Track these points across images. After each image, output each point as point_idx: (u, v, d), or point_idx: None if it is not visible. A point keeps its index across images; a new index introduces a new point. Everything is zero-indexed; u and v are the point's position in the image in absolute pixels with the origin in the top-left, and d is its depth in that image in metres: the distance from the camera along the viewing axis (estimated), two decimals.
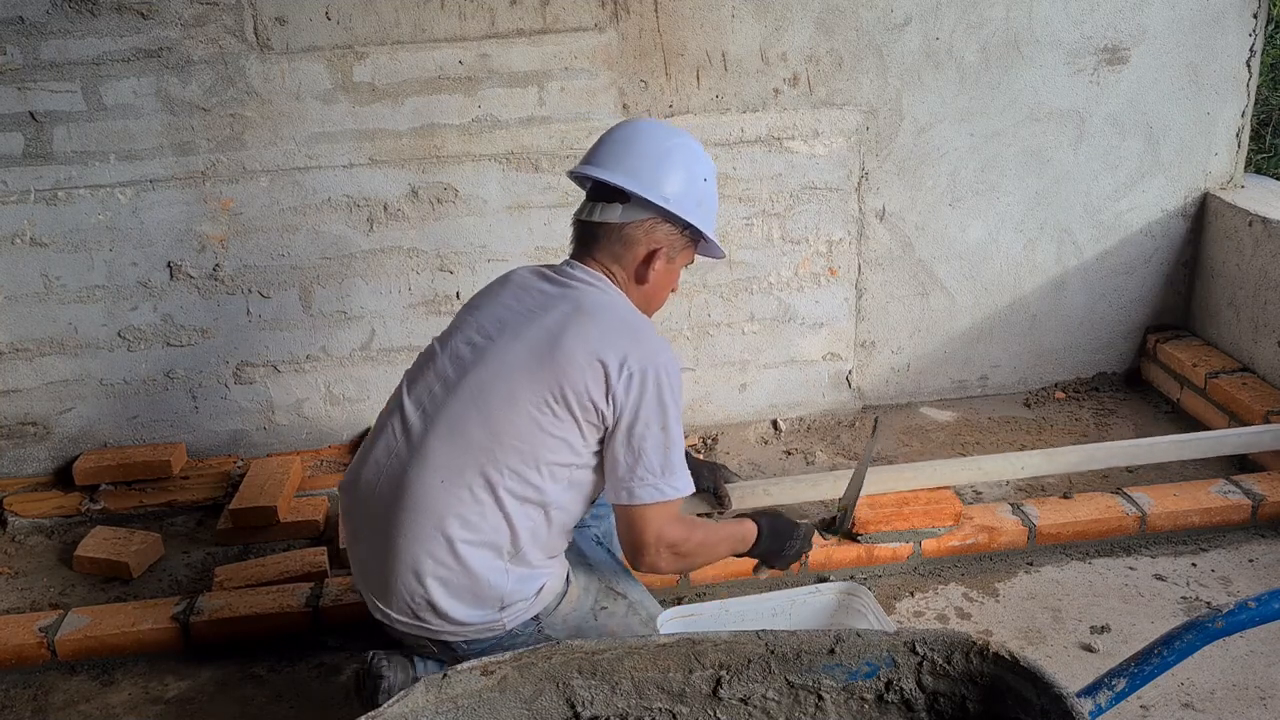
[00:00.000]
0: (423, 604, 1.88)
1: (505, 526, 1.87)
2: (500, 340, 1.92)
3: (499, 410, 1.86)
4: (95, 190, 2.84)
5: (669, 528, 1.91)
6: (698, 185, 2.02)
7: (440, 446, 1.87)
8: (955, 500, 2.61)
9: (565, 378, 1.84)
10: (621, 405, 1.86)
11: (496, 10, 2.83)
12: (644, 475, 1.87)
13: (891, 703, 1.52)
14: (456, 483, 1.85)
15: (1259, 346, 3.11)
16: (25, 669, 2.36)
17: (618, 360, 1.85)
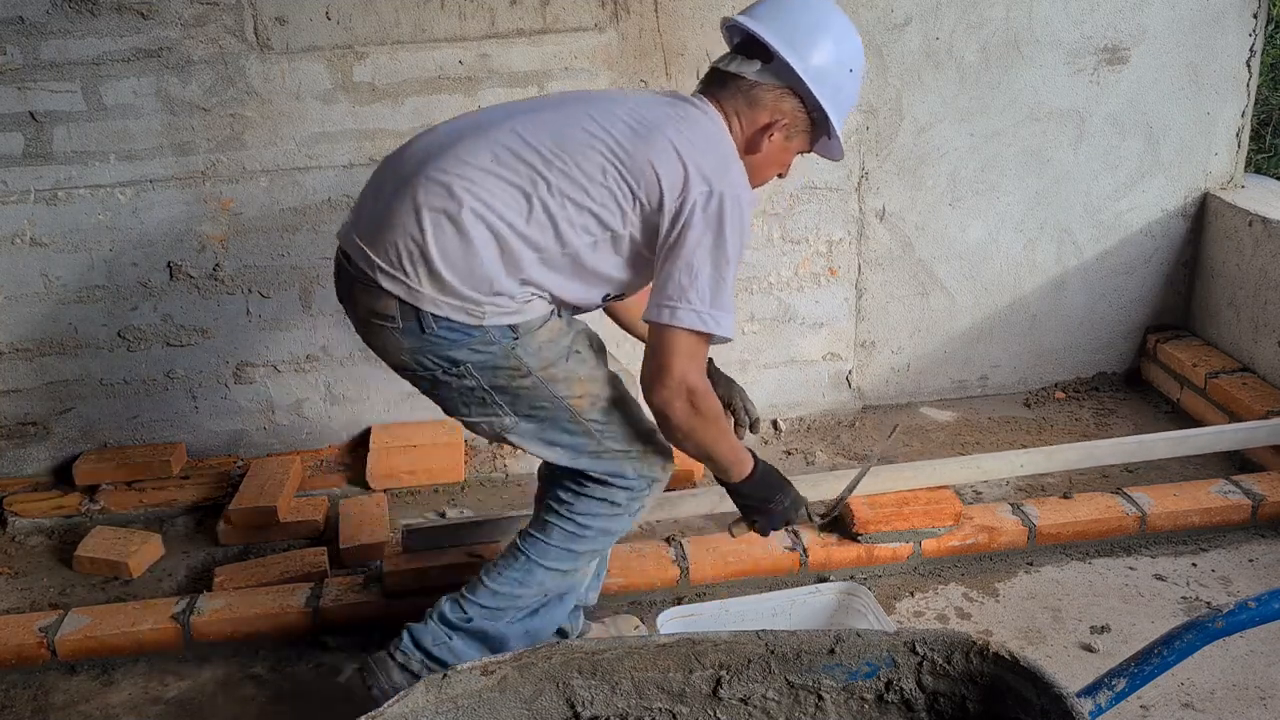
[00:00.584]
0: (415, 252, 1.79)
1: (521, 233, 1.80)
2: (604, 101, 1.92)
3: (578, 136, 1.82)
4: (95, 190, 2.84)
5: (697, 370, 1.84)
6: (842, 72, 1.94)
7: (508, 136, 1.84)
8: (955, 500, 2.61)
9: (647, 155, 1.80)
10: (689, 220, 1.79)
11: (496, 10, 2.83)
12: (693, 299, 1.79)
13: (891, 703, 1.52)
14: (504, 169, 1.80)
15: (1259, 346, 3.11)
16: (25, 669, 2.36)
17: (702, 176, 1.81)
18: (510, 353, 1.86)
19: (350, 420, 3.15)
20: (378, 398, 3.13)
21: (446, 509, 2.92)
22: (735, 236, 1.82)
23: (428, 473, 2.97)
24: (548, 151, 1.82)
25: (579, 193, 1.81)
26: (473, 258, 1.79)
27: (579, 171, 1.81)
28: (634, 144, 1.83)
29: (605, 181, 1.82)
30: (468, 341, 1.84)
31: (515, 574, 2.06)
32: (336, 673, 2.35)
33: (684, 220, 1.80)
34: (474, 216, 1.79)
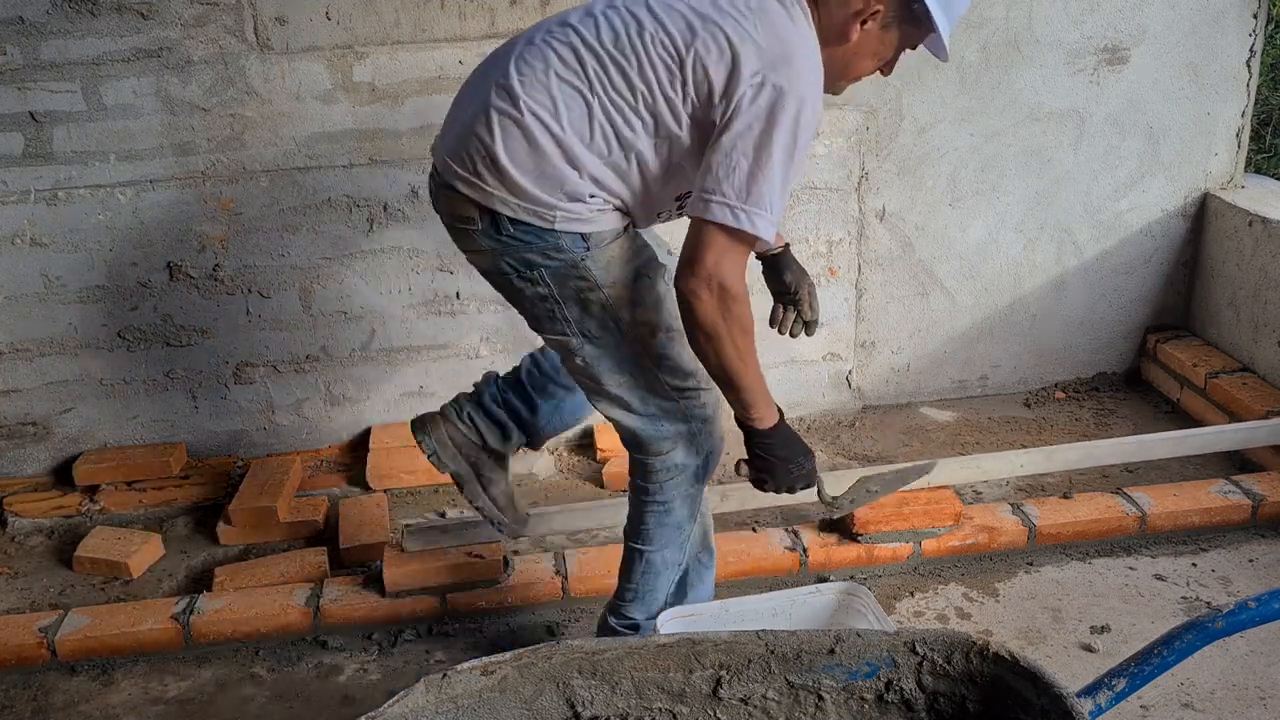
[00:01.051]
0: (485, 155, 1.82)
1: (582, 135, 1.79)
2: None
3: (635, 35, 1.78)
4: (95, 190, 2.84)
5: (731, 267, 1.76)
6: None
7: (570, 36, 1.81)
8: (955, 500, 2.61)
9: (699, 52, 1.74)
10: (736, 110, 1.73)
11: (496, 10, 2.83)
12: (727, 192, 1.72)
13: (891, 703, 1.52)
14: (565, 71, 1.80)
15: (1259, 346, 3.11)
16: (25, 669, 2.37)
17: (756, 67, 1.72)
18: (580, 263, 1.86)
19: (350, 420, 3.15)
20: (378, 398, 3.13)
21: (446, 509, 2.92)
22: (786, 134, 1.73)
23: (428, 473, 2.97)
24: (605, 53, 1.79)
25: (635, 95, 1.79)
26: (539, 159, 1.80)
27: (635, 73, 1.78)
28: (688, 39, 1.76)
29: (660, 82, 1.78)
30: (540, 246, 1.85)
31: (640, 568, 2.13)
32: (337, 672, 2.35)
33: (731, 111, 1.74)
34: (535, 119, 1.79)
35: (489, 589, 2.46)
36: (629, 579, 2.16)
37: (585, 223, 1.85)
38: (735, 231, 1.75)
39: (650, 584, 2.15)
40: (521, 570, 2.51)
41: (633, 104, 1.79)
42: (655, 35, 1.78)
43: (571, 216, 1.83)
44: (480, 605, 2.47)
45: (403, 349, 3.09)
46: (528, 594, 2.47)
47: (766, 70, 1.73)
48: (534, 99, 1.80)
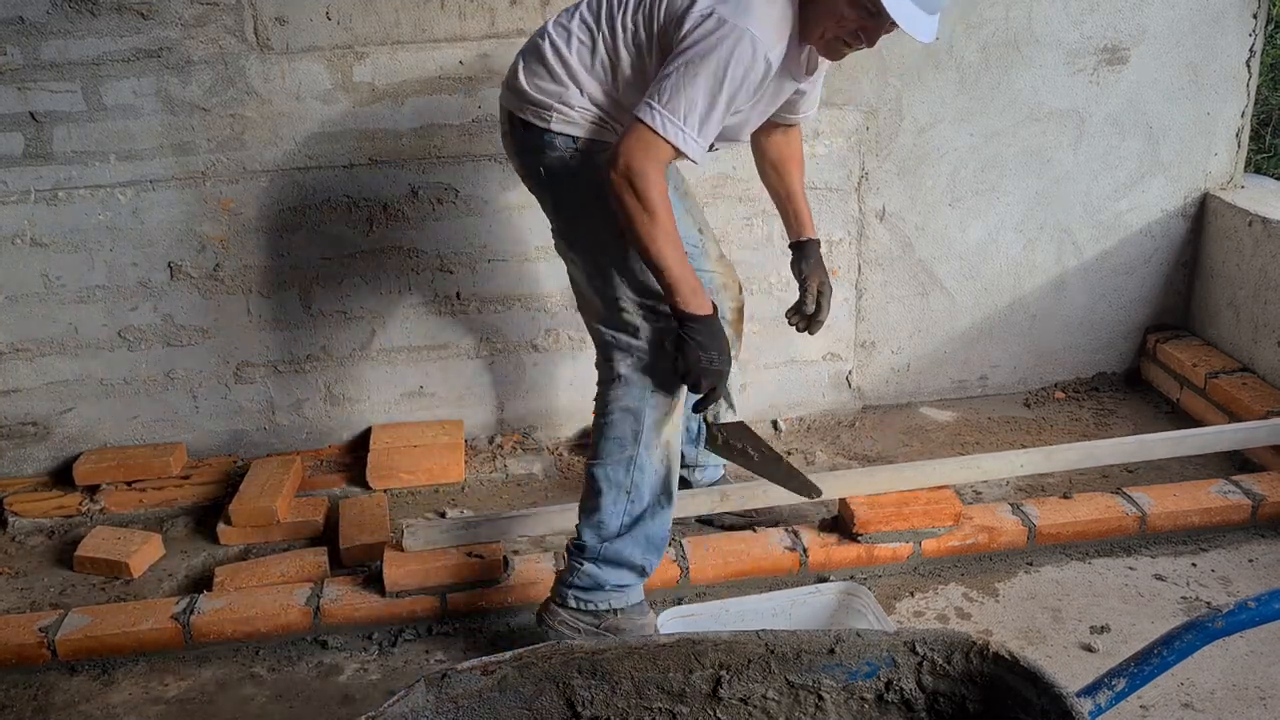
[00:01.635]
0: (516, 71, 2.17)
1: (583, 57, 2.08)
2: None
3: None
4: (95, 190, 2.84)
5: (641, 158, 1.93)
6: None
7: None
8: (955, 500, 2.61)
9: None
10: (684, 36, 1.93)
11: (497, 10, 2.83)
12: (653, 94, 1.92)
13: (891, 703, 1.52)
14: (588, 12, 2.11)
15: (1259, 346, 3.11)
16: (26, 669, 2.37)
17: (707, 2, 1.92)
18: (567, 163, 2.12)
19: (350, 420, 3.15)
20: (378, 398, 3.13)
21: (446, 509, 2.92)
22: (718, 61, 1.89)
23: (428, 473, 2.98)
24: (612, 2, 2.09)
25: (625, 32, 2.06)
26: (546, 73, 2.11)
27: (627, 15, 2.06)
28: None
29: (641, 21, 2.04)
30: (540, 143, 2.13)
31: (586, 483, 2.25)
32: (336, 673, 2.36)
33: (680, 36, 1.95)
34: (551, 47, 2.11)
35: (489, 589, 2.46)
36: (581, 496, 2.28)
37: (576, 126, 2.11)
38: (649, 131, 1.93)
39: (595, 502, 2.23)
40: (521, 570, 2.51)
41: (624, 39, 2.07)
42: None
43: (564, 119, 2.11)
44: (480, 605, 2.47)
45: (403, 349, 3.09)
46: (528, 594, 2.47)
47: (718, 4, 1.93)
48: (556, 34, 2.13)
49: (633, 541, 2.24)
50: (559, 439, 3.20)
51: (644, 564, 2.26)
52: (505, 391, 3.18)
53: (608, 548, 2.23)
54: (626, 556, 2.24)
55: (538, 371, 3.16)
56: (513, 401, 3.19)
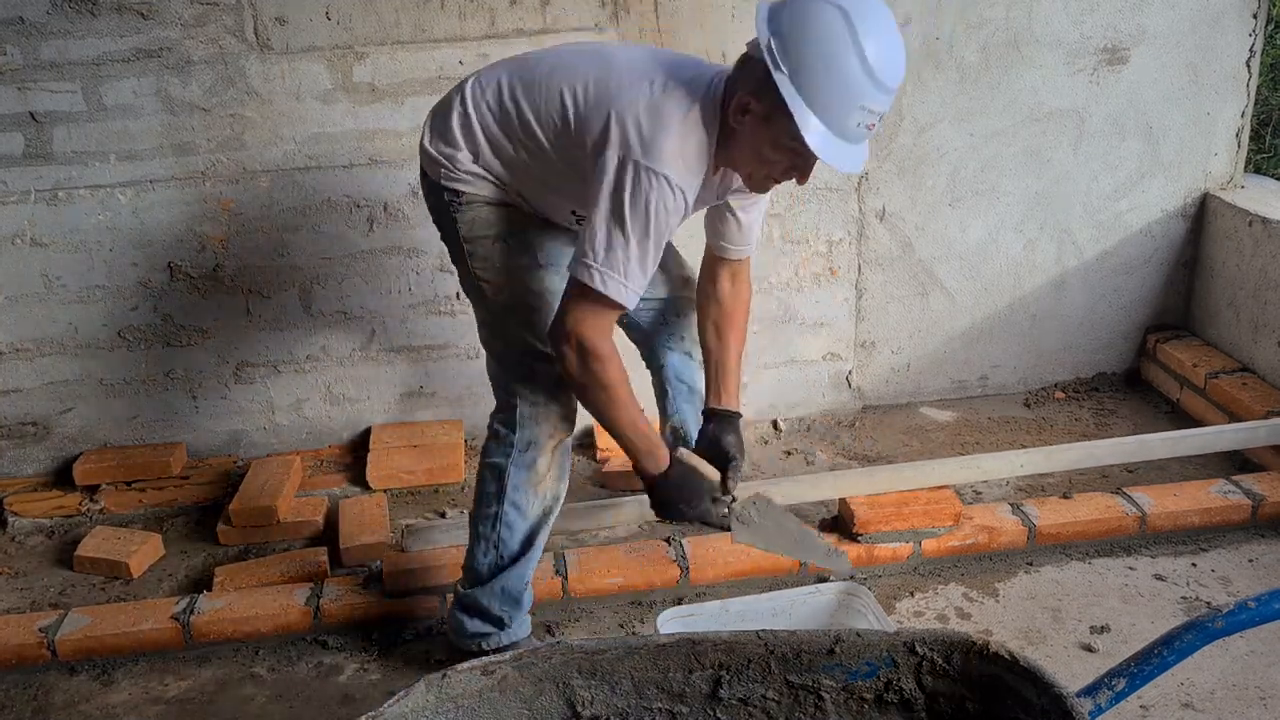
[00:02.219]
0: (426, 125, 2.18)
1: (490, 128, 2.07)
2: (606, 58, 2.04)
3: (564, 78, 2.01)
4: (95, 190, 2.84)
5: (591, 328, 1.93)
6: (817, 26, 1.77)
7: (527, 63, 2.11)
8: (955, 500, 2.61)
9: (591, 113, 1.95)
10: (600, 178, 1.89)
11: (496, 10, 2.83)
12: (588, 252, 1.90)
13: (891, 703, 1.52)
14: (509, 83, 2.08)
15: (1259, 346, 3.11)
16: (25, 669, 2.37)
17: (622, 141, 1.89)
18: (449, 214, 2.13)
19: (350, 420, 3.15)
20: (378, 398, 3.13)
21: (446, 509, 2.92)
22: (645, 213, 1.88)
23: (428, 473, 2.98)
24: (538, 83, 2.04)
25: (537, 128, 2.02)
26: (446, 127, 2.10)
27: (544, 105, 2.02)
28: (579, 108, 1.97)
29: (552, 128, 2.01)
30: (433, 191, 2.16)
31: (469, 534, 2.28)
32: (336, 673, 2.35)
33: (595, 171, 1.92)
34: (458, 107, 2.10)
35: None
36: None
37: (461, 183, 2.11)
38: (592, 292, 1.90)
39: (468, 546, 2.27)
40: None
41: (533, 133, 2.04)
42: (573, 87, 1.99)
43: (450, 177, 2.11)
44: None
45: (403, 349, 3.09)
46: None
47: (633, 150, 1.88)
48: (468, 96, 2.11)
49: (489, 593, 2.24)
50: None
51: (501, 615, 2.25)
52: None
53: (469, 595, 2.25)
54: (484, 606, 2.24)
55: None
56: None
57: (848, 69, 1.78)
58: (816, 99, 1.80)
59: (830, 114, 1.81)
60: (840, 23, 1.77)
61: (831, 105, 1.80)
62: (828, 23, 1.77)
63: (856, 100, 1.80)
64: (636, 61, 2.00)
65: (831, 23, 1.77)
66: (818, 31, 1.78)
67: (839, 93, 1.79)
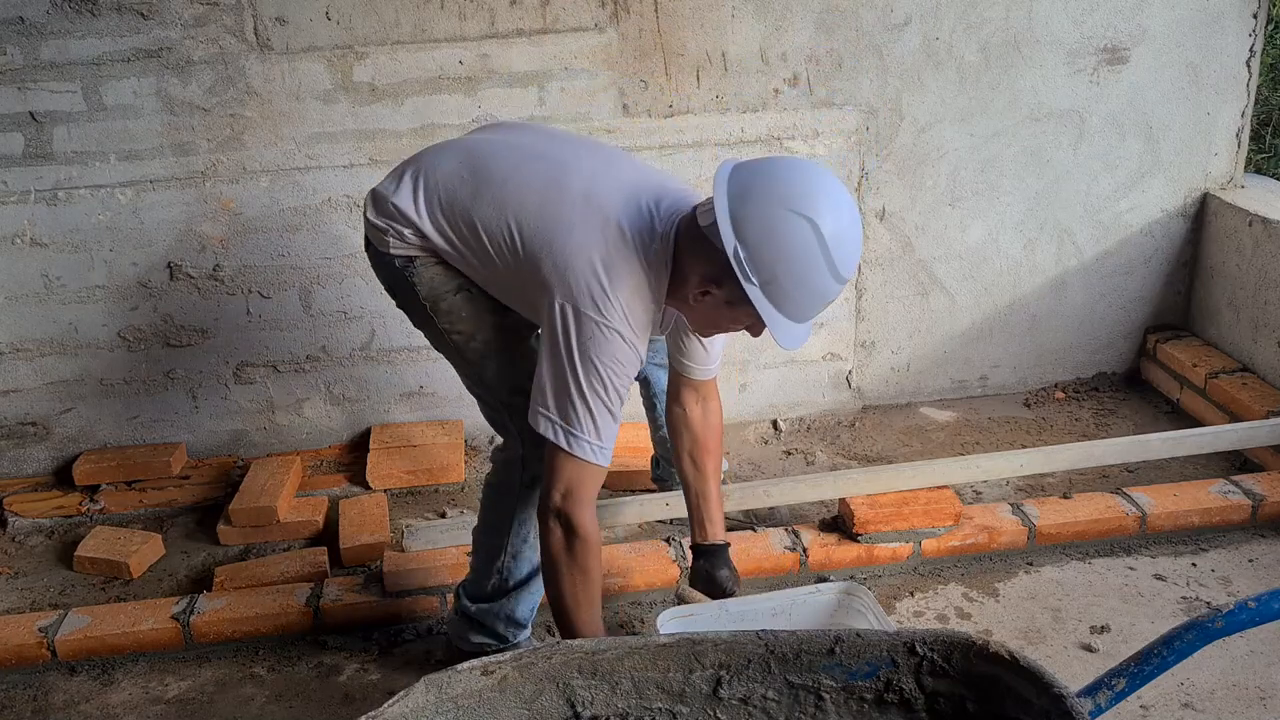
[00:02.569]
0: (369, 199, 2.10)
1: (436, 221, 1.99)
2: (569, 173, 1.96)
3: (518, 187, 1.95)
4: (95, 190, 2.84)
5: (578, 503, 1.87)
6: (787, 241, 1.74)
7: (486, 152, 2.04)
8: (955, 500, 2.61)
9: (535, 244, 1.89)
10: (545, 321, 1.86)
11: (496, 10, 2.83)
12: (549, 407, 1.86)
13: (891, 703, 1.52)
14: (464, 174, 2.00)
15: (1259, 346, 3.11)
16: (25, 669, 2.37)
17: (563, 288, 1.84)
18: (405, 278, 2.05)
19: (350, 420, 3.15)
20: (378, 398, 3.13)
21: (446, 509, 2.92)
22: (586, 360, 1.83)
23: (428, 473, 2.98)
24: (492, 189, 1.96)
25: (485, 233, 1.95)
26: (394, 207, 2.02)
27: (493, 220, 1.94)
28: (534, 236, 1.90)
29: (502, 244, 1.93)
30: (382, 263, 2.09)
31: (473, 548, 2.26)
32: (336, 673, 2.35)
33: (545, 320, 1.87)
34: (412, 189, 2.02)
35: None
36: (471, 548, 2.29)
37: (412, 249, 2.04)
38: (578, 461, 1.85)
39: (474, 560, 2.25)
40: None
41: (482, 245, 1.96)
42: (512, 221, 1.93)
43: (400, 246, 2.04)
44: None
45: (403, 349, 3.09)
46: None
47: (574, 294, 1.83)
48: (424, 187, 2.02)
49: (493, 614, 2.21)
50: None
51: (505, 635, 2.23)
52: None
53: (474, 610, 2.22)
54: (490, 624, 2.22)
55: None
56: None
57: (820, 282, 1.78)
58: (787, 305, 1.80)
59: (798, 314, 1.82)
60: (812, 239, 1.74)
61: (800, 309, 1.81)
62: (800, 240, 1.74)
63: (823, 301, 1.82)
64: (593, 187, 1.93)
65: (803, 239, 1.74)
66: (790, 250, 1.75)
67: (810, 298, 1.81)
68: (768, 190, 1.77)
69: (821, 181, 1.79)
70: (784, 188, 1.77)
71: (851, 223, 1.79)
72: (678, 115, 2.98)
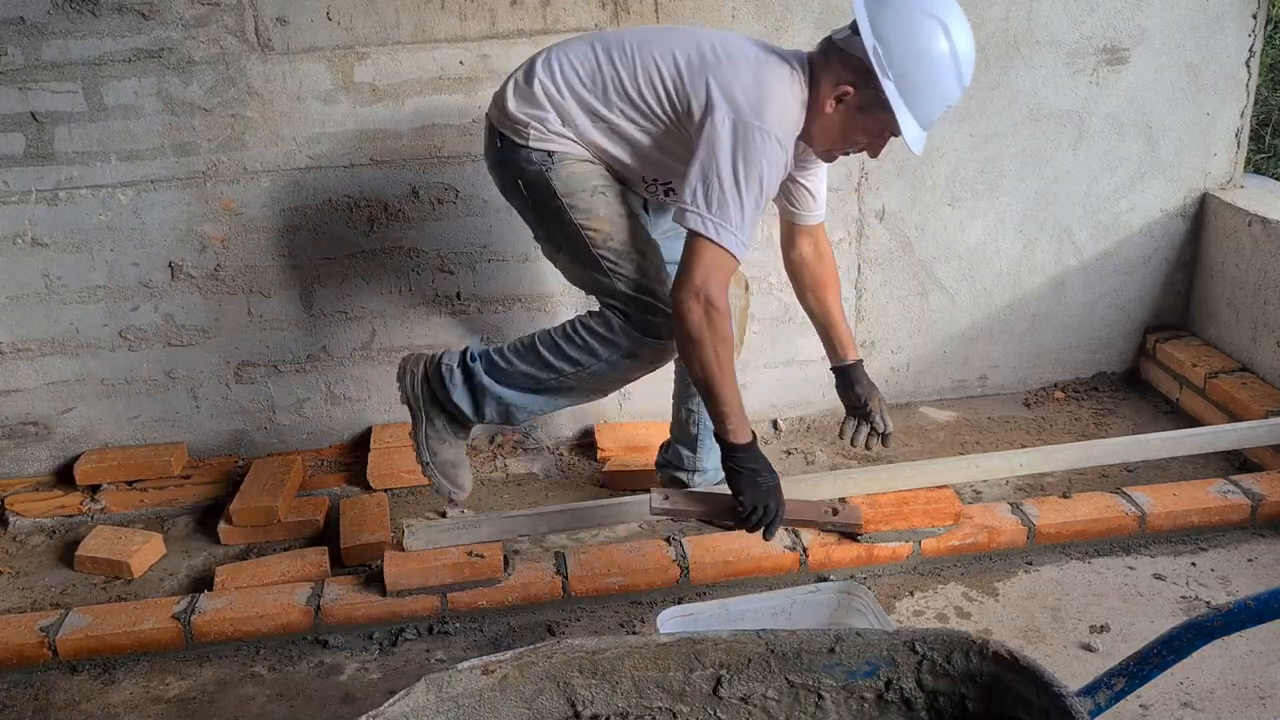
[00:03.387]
0: (502, 93, 2.29)
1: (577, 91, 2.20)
2: (698, 37, 2.20)
3: (656, 52, 2.17)
4: (96, 190, 2.85)
5: (716, 283, 2.05)
6: (922, 38, 2.00)
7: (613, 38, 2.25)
8: (955, 500, 2.62)
9: (691, 79, 2.12)
10: (708, 133, 2.05)
11: (497, 10, 2.83)
12: (700, 204, 2.04)
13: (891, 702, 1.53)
14: (594, 54, 2.22)
15: (1258, 346, 3.12)
16: (26, 669, 2.37)
17: (729, 104, 2.05)
18: (543, 174, 2.23)
19: (351, 420, 3.15)
20: (378, 398, 3.14)
21: (447, 509, 2.92)
22: (745, 160, 2.03)
23: None
24: (628, 52, 2.19)
25: (632, 97, 2.18)
26: (531, 91, 2.22)
27: (640, 71, 2.17)
28: (687, 70, 2.13)
29: (654, 83, 2.16)
30: (517, 158, 2.25)
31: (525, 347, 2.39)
32: (337, 672, 2.36)
33: (704, 132, 2.06)
34: (544, 70, 2.23)
35: (489, 588, 2.47)
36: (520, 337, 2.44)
37: (551, 143, 2.22)
38: (712, 245, 2.05)
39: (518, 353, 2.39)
40: (521, 570, 2.51)
41: (628, 104, 2.19)
42: (667, 59, 2.16)
43: (540, 137, 2.22)
44: (480, 605, 2.47)
45: (403, 349, 3.09)
46: (528, 593, 2.47)
47: (739, 108, 2.06)
48: (553, 62, 2.24)
49: (494, 394, 2.39)
50: (559, 439, 3.21)
51: (480, 413, 2.43)
52: None
53: (487, 379, 2.38)
54: (479, 397, 2.40)
55: None
56: None
57: (948, 81, 2.04)
58: (916, 103, 2.05)
59: (924, 114, 2.07)
60: (943, 39, 2.01)
61: (927, 108, 2.07)
62: (932, 37, 2.01)
63: (946, 102, 2.08)
64: (726, 38, 2.18)
65: (935, 37, 2.01)
66: (923, 46, 2.01)
67: (936, 99, 2.06)
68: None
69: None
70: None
71: (971, 33, 2.05)
72: None
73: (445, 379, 2.44)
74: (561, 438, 3.21)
